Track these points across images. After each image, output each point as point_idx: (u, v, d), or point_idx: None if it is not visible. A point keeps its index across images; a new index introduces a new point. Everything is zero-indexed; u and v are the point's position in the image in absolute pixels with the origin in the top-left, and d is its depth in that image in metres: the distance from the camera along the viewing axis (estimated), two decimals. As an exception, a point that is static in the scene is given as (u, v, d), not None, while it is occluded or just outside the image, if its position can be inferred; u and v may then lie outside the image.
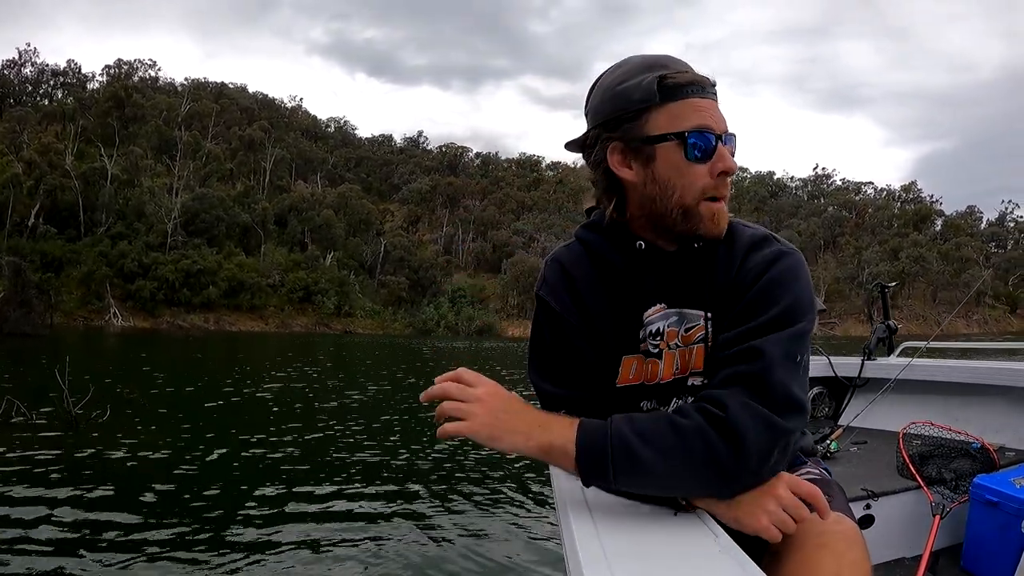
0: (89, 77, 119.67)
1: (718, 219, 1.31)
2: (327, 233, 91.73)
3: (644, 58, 1.32)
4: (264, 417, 10.92)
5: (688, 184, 1.28)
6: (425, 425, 10.60)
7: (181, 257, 73.05)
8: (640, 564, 1.01)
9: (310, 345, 42.95)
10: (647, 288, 1.39)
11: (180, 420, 10.32)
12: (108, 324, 65.37)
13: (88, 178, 78.32)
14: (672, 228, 1.34)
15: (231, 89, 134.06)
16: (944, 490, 2.91)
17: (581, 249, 1.46)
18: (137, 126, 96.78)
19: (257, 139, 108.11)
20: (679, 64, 1.29)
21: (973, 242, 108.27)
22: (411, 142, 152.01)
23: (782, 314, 1.24)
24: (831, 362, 4.64)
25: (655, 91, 1.26)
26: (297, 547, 5.02)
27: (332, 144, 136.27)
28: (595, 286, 1.42)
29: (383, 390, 16.36)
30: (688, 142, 1.26)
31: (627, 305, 1.39)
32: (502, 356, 34.76)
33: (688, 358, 1.38)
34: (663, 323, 1.38)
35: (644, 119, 1.28)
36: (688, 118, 1.26)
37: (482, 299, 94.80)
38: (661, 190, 1.30)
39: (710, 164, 1.27)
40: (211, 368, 20.41)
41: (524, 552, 5.16)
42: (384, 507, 6.20)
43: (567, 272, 1.44)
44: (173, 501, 6.06)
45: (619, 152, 1.32)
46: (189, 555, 4.76)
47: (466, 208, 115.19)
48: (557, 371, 1.43)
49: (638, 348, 1.40)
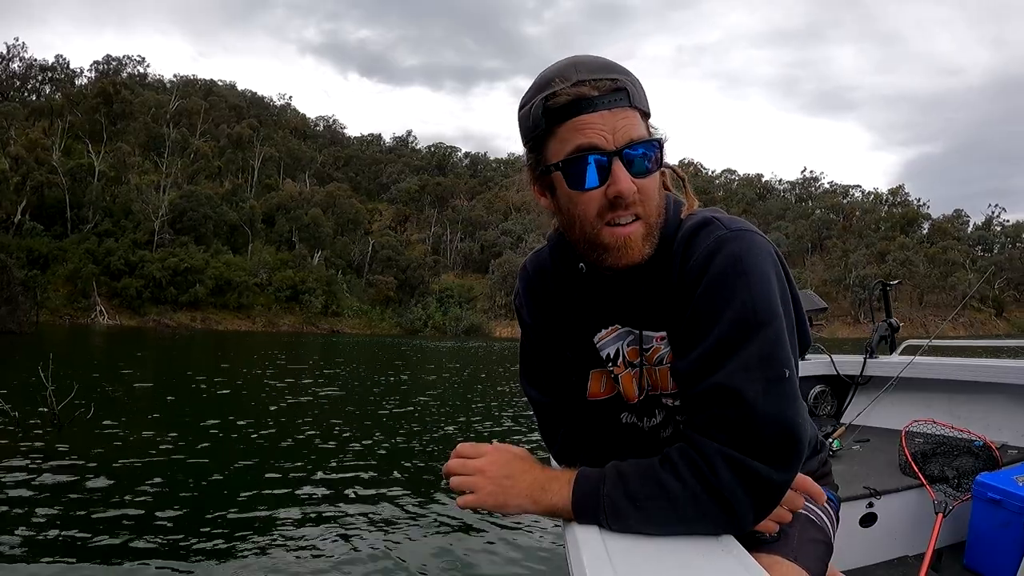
0: (77, 73, 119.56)
1: (628, 245, 1.18)
2: (315, 232, 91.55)
3: (543, 74, 1.20)
4: (248, 416, 10.95)
5: (582, 213, 1.18)
6: (418, 425, 10.68)
7: (168, 255, 72.79)
8: (643, 563, 1.01)
9: (296, 345, 42.81)
10: (597, 310, 1.34)
11: (163, 419, 10.31)
12: (94, 322, 65.19)
13: (75, 175, 78.11)
14: (587, 258, 1.26)
15: (220, 86, 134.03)
16: (947, 488, 2.92)
17: (547, 257, 1.43)
18: (125, 123, 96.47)
19: (246, 137, 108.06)
20: (570, 73, 1.15)
21: (960, 245, 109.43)
22: (400, 141, 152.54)
23: (738, 325, 1.11)
24: (833, 360, 4.60)
25: (541, 116, 1.16)
26: (278, 547, 5.00)
27: (321, 143, 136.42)
28: (554, 300, 1.40)
29: (369, 389, 16.40)
30: (567, 171, 1.16)
31: (580, 325, 1.37)
32: (484, 356, 34.94)
33: (655, 377, 1.32)
34: (620, 343, 1.34)
35: (545, 145, 1.19)
36: (571, 141, 1.15)
37: (470, 299, 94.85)
38: (566, 220, 1.23)
39: (604, 187, 1.14)
40: (196, 367, 20.37)
41: (527, 551, 5.18)
42: (378, 507, 6.19)
43: (531, 283, 1.44)
44: (155, 499, 6.01)
45: (535, 181, 1.26)
46: (172, 553, 4.74)
47: (454, 208, 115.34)
48: (540, 379, 1.45)
49: (604, 363, 1.37)
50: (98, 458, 7.38)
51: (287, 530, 5.41)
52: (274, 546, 5.03)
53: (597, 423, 1.38)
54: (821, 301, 4.67)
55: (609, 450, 1.32)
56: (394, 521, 5.79)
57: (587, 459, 1.27)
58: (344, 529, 5.48)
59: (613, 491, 1.14)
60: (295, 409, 12.16)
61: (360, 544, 5.15)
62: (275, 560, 4.76)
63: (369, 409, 12.44)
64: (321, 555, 4.90)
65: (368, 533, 5.44)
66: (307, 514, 5.88)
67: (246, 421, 10.37)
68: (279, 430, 9.75)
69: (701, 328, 1.14)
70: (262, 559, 4.77)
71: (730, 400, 1.09)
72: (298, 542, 5.13)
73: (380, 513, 6.01)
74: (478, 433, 10.13)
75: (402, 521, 5.79)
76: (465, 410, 12.85)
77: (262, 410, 11.70)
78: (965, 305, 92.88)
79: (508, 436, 9.87)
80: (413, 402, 13.75)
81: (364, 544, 5.16)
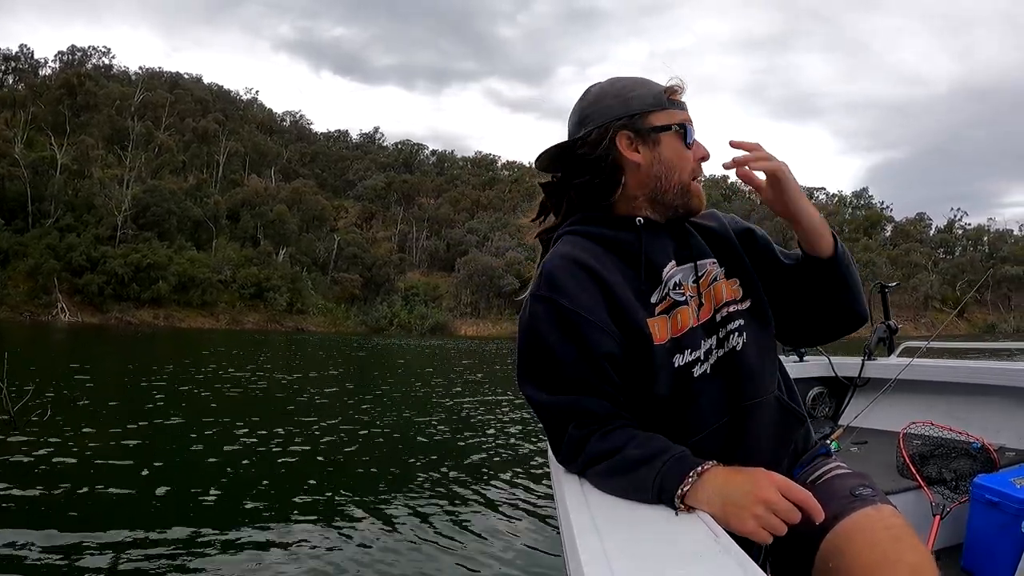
0: (42, 63, 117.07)
1: (702, 195, 1.61)
2: (280, 229, 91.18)
3: (636, 78, 1.62)
4: (210, 415, 10.93)
5: (685, 166, 1.56)
6: (412, 424, 10.73)
7: (131, 251, 71.76)
8: (640, 563, 1.01)
9: (261, 343, 42.34)
10: (658, 252, 1.57)
11: (121, 419, 10.02)
12: (55, 319, 64.32)
13: (37, 167, 76.84)
14: (671, 203, 1.59)
15: (186, 79, 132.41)
16: (944, 490, 2.94)
17: (583, 242, 1.58)
18: (89, 115, 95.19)
19: (211, 131, 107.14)
20: (675, 83, 1.61)
21: (922, 248, 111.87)
22: (367, 138, 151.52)
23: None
24: (831, 362, 4.61)
25: (664, 98, 1.56)
26: (245, 549, 4.92)
27: (287, 138, 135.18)
28: (612, 266, 1.54)
29: (342, 386, 16.02)
30: (685, 130, 1.55)
31: (645, 271, 1.55)
32: (446, 354, 34.87)
33: (710, 298, 1.59)
34: (678, 277, 1.56)
35: (649, 117, 1.55)
36: (678, 117, 1.56)
37: (435, 298, 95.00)
38: (667, 170, 1.56)
39: (693, 151, 1.57)
40: (157, 365, 20.04)
41: (524, 551, 5.15)
42: (368, 506, 6.16)
43: (582, 264, 1.52)
44: (114, 503, 5.92)
45: (627, 139, 1.56)
46: (128, 558, 4.64)
47: (421, 206, 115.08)
48: (559, 378, 1.48)
49: (654, 311, 1.53)
50: (53, 460, 7.30)
51: (255, 534, 5.28)
52: (241, 549, 4.93)
53: (656, 377, 1.50)
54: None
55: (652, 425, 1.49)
56: (413, 521, 5.75)
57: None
58: (342, 531, 5.42)
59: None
60: (254, 406, 12.22)
61: (376, 546, 5.13)
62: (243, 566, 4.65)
63: (348, 407, 12.31)
64: (308, 558, 4.81)
65: (391, 533, 5.44)
66: (277, 518, 5.74)
67: (210, 420, 10.36)
68: (242, 429, 9.76)
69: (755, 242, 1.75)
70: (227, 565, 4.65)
71: None
72: (267, 546, 5.02)
73: (407, 514, 5.96)
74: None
75: (421, 523, 5.73)
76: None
77: (225, 410, 11.70)
78: (927, 306, 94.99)
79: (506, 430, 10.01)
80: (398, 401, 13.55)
81: (379, 546, 5.13)
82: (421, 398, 15.26)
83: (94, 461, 7.40)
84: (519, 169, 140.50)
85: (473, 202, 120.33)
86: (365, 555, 4.97)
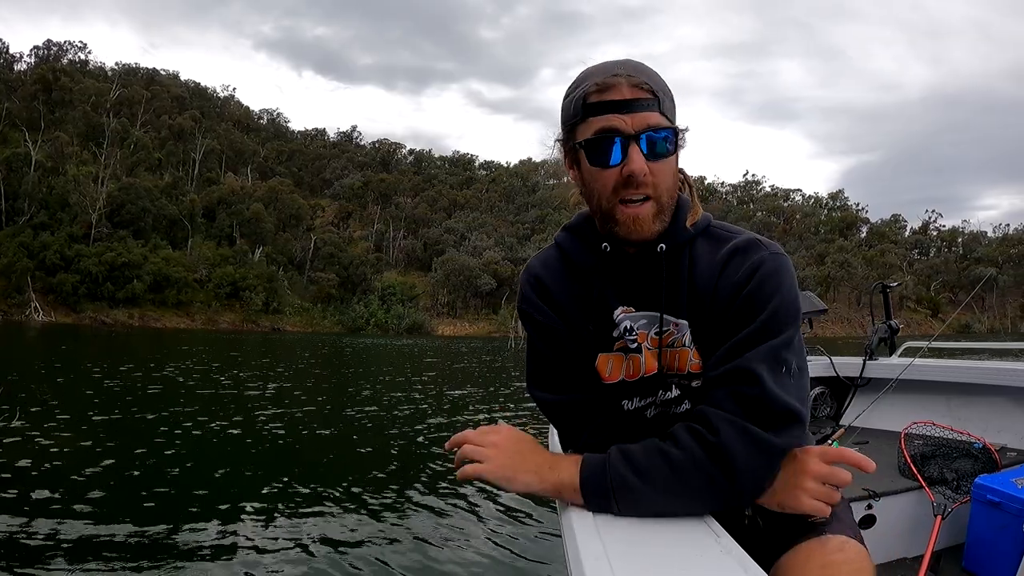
0: (17, 58, 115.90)
1: (638, 223, 1.32)
2: (256, 227, 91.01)
3: (590, 68, 1.35)
4: (182, 415, 10.90)
5: (600, 188, 1.32)
6: (407, 424, 10.82)
7: (106, 249, 71.30)
8: (641, 564, 1.00)
9: (236, 343, 42.16)
10: (617, 288, 1.43)
11: (94, 422, 9.98)
12: (29, 319, 63.74)
13: (11, 164, 76.35)
14: (600, 230, 1.40)
15: (163, 76, 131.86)
16: (946, 490, 2.92)
17: (555, 253, 1.52)
18: (64, 111, 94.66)
19: (187, 129, 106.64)
20: (611, 72, 1.29)
21: (897, 249, 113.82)
22: (345, 137, 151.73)
23: (766, 324, 1.26)
24: (832, 362, 4.61)
25: (582, 104, 1.30)
26: (226, 551, 4.91)
27: (264, 136, 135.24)
28: (567, 288, 1.46)
29: (320, 386, 15.77)
30: (590, 149, 1.31)
31: (597, 305, 1.43)
32: (419, 353, 34.63)
33: (672, 359, 1.41)
34: (628, 323, 1.42)
35: (576, 129, 1.34)
36: (594, 127, 1.29)
37: (412, 297, 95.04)
38: (588, 192, 1.37)
39: (621, 167, 1.28)
40: (132, 367, 19.55)
41: (526, 552, 5.16)
42: (359, 506, 6.19)
43: (540, 281, 1.49)
44: (85, 506, 5.83)
45: (566, 155, 1.40)
46: (96, 556, 4.66)
47: (398, 205, 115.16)
48: (554, 379, 1.47)
49: (612, 347, 1.44)
50: (22, 465, 7.16)
51: (233, 534, 5.28)
52: (222, 548, 4.94)
53: (602, 412, 1.43)
54: (821, 303, 4.68)
55: (615, 440, 1.32)
56: (412, 521, 5.82)
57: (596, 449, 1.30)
58: (285, 533, 5.41)
59: (619, 464, 1.20)
60: (233, 407, 12.22)
61: (372, 548, 5.16)
62: (231, 562, 4.69)
63: (334, 409, 12.59)
64: (273, 558, 4.83)
65: (390, 534, 5.48)
66: (259, 515, 5.78)
67: (185, 422, 10.30)
68: (212, 427, 9.79)
69: (742, 321, 1.28)
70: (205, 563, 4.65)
71: (747, 379, 1.21)
72: (249, 545, 5.03)
73: (406, 514, 6.01)
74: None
75: (420, 522, 5.80)
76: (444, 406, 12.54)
77: (197, 409, 11.76)
78: (902, 306, 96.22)
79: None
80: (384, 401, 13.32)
81: (374, 549, 5.14)
82: (400, 397, 15.00)
83: (61, 461, 7.43)
84: (497, 169, 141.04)
85: (450, 201, 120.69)
86: (365, 553, 5.06)
